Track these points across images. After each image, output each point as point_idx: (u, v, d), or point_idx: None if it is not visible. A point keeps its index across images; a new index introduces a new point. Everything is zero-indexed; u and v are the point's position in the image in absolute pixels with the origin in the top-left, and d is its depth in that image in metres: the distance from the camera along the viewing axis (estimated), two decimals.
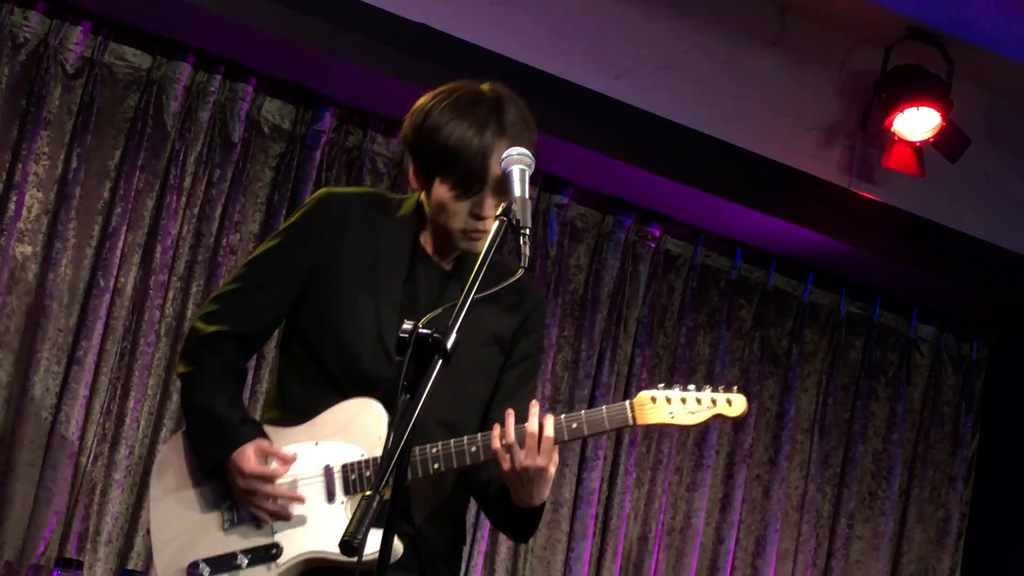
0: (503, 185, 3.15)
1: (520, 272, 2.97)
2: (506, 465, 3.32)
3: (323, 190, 3.62)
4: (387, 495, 3.17)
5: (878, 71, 6.07)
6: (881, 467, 6.69)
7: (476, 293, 2.84)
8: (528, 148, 3.15)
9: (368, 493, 2.64)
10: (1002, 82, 6.29)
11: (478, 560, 5.90)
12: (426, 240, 3.50)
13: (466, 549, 3.87)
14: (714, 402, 3.42)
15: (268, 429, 3.47)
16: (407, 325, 2.75)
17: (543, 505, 3.43)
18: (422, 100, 3.43)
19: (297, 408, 3.48)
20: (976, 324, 6.86)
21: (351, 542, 2.60)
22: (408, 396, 2.70)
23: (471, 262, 3.07)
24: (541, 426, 3.32)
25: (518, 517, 3.46)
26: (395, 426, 2.69)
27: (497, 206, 3.24)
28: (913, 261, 6.31)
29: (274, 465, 3.39)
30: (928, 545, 6.74)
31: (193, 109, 5.62)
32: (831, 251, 6.27)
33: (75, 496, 5.34)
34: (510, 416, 3.35)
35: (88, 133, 5.47)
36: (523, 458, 3.30)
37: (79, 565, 5.18)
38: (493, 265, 2.89)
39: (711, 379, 6.34)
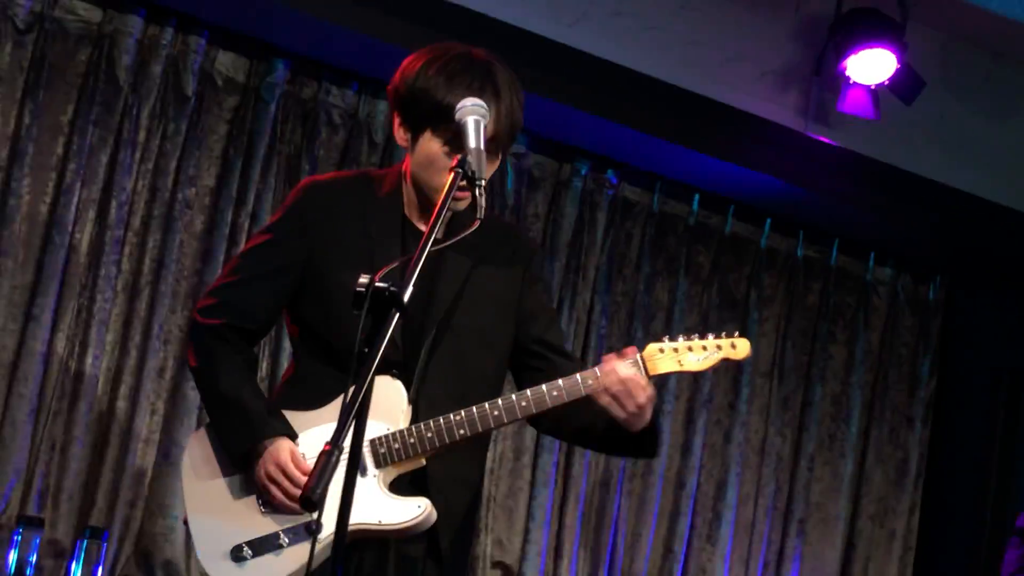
0: (492, 144, 3.36)
1: (477, 223, 3.06)
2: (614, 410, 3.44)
3: (306, 180, 3.70)
4: (423, 462, 3.43)
5: (832, 14, 6.06)
6: (840, 409, 6.74)
7: (435, 245, 2.94)
8: (519, 109, 3.42)
9: (327, 448, 2.66)
10: (956, 23, 6.29)
11: None
12: (411, 212, 3.56)
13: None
14: (719, 347, 3.51)
15: (290, 415, 3.53)
16: (363, 279, 2.78)
17: (654, 423, 3.52)
18: (413, 59, 3.51)
19: (314, 389, 3.54)
20: (932, 266, 6.90)
21: (311, 496, 2.62)
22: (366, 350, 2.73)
23: (459, 229, 3.15)
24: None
25: (637, 439, 3.52)
26: (355, 381, 2.71)
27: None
28: (869, 204, 6.34)
29: (299, 475, 3.45)
30: (887, 485, 6.81)
31: (146, 63, 5.57)
32: (788, 195, 6.29)
33: (35, 454, 5.32)
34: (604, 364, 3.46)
35: (40, 89, 5.42)
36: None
37: (40, 522, 5.17)
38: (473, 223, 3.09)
39: (670, 325, 6.37)
